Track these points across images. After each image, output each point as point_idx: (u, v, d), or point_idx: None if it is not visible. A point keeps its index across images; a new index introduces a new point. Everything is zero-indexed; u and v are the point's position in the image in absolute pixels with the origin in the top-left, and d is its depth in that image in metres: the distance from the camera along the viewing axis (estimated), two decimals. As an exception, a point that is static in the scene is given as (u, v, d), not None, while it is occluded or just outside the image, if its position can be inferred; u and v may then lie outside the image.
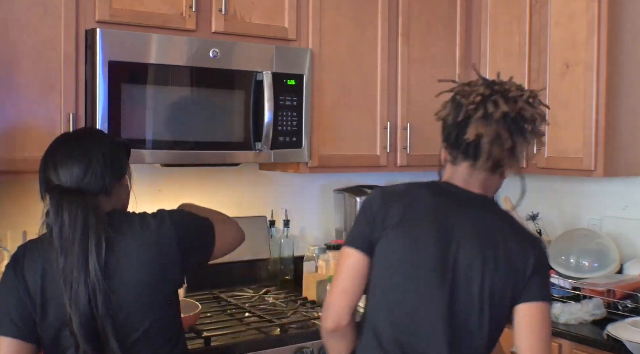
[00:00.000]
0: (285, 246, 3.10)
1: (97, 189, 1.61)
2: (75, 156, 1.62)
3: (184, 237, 1.67)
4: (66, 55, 2.29)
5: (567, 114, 2.83)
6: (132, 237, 1.60)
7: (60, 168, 1.60)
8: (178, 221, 1.68)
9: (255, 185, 3.13)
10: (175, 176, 2.91)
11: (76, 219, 1.52)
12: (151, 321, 1.61)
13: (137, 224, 1.64)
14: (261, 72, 2.58)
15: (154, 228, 1.63)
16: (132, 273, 1.58)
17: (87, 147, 1.65)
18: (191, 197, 2.95)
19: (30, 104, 2.24)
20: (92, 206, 1.55)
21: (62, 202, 1.53)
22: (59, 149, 1.66)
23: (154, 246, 1.62)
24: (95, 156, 1.63)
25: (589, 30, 2.75)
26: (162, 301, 1.64)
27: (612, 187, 3.08)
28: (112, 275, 1.55)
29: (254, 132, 2.59)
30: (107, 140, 1.73)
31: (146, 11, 2.43)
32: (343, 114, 2.91)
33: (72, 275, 1.50)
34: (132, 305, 1.57)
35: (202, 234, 1.76)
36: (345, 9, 2.90)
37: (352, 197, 3.16)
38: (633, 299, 2.63)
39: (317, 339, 2.42)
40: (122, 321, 1.56)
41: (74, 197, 1.55)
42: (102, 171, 1.62)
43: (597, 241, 2.95)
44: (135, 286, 1.58)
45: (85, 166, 1.61)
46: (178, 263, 1.65)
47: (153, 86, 2.42)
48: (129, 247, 1.59)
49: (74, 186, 1.58)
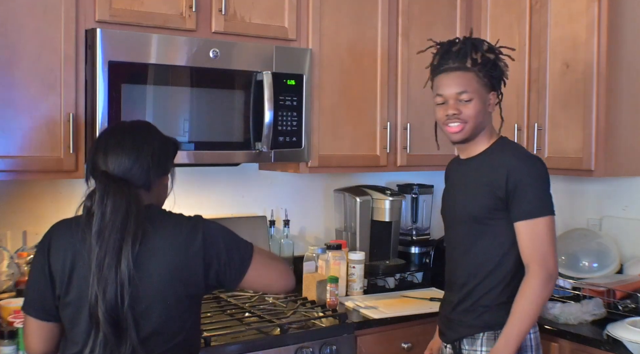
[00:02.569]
0: (285, 246, 3.10)
1: (140, 183, 1.65)
2: (127, 146, 1.66)
3: (209, 249, 1.65)
4: (66, 55, 2.29)
5: (567, 114, 2.83)
6: (162, 234, 1.63)
7: (109, 155, 1.64)
8: (210, 233, 1.67)
9: (255, 185, 3.13)
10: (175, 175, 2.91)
11: (119, 207, 1.56)
12: (166, 319, 1.63)
13: (171, 222, 1.67)
14: (261, 72, 2.58)
15: (185, 231, 1.64)
16: (155, 268, 1.60)
17: (139, 140, 1.68)
18: (191, 197, 2.95)
19: (30, 104, 2.24)
20: (135, 198, 1.60)
21: (109, 189, 1.58)
22: (112, 136, 1.70)
23: (180, 248, 1.62)
24: (145, 150, 1.67)
25: (589, 30, 2.75)
26: (181, 301, 1.64)
27: (612, 187, 3.08)
28: (138, 267, 1.58)
29: (253, 132, 2.59)
30: (159, 136, 1.76)
31: (146, 11, 2.43)
32: (343, 114, 2.91)
33: (104, 261, 1.54)
34: (150, 299, 1.60)
35: (232, 255, 1.70)
36: (345, 9, 2.90)
37: (352, 197, 3.16)
38: (633, 299, 2.63)
39: (317, 339, 2.42)
40: (139, 313, 1.59)
41: (120, 186, 1.59)
42: (148, 166, 1.66)
43: (597, 241, 2.95)
44: (156, 282, 1.60)
45: (134, 158, 1.65)
46: (199, 273, 1.65)
47: (153, 86, 2.42)
48: (158, 244, 1.61)
49: (120, 175, 1.63)
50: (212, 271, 1.66)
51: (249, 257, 1.72)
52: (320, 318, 2.54)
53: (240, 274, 1.70)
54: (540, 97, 2.93)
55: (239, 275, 1.70)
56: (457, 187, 2.23)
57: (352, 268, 2.95)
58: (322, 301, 2.72)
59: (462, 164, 2.22)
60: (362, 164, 3.00)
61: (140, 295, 1.58)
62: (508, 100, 3.07)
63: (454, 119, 2.10)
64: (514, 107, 3.04)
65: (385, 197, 3.13)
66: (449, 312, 2.20)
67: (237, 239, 1.74)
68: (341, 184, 3.31)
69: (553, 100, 2.87)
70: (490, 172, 2.10)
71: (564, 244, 2.97)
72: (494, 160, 2.12)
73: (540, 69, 2.94)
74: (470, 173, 2.17)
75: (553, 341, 2.53)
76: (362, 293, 2.96)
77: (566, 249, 2.94)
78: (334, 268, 2.88)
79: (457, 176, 2.25)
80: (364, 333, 2.57)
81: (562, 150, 2.85)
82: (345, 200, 3.22)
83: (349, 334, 2.50)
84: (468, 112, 2.09)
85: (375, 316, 2.63)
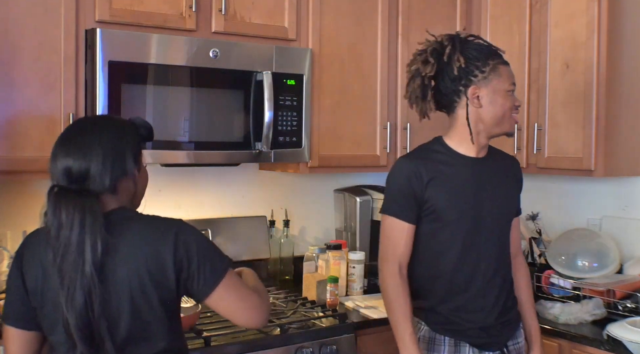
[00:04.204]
0: (285, 246, 3.10)
1: (99, 188, 1.56)
2: (73, 153, 1.55)
3: (180, 253, 1.56)
4: (66, 55, 2.29)
5: (567, 114, 2.83)
6: (130, 240, 1.56)
7: (59, 162, 1.56)
8: (183, 237, 1.58)
9: (255, 185, 3.13)
10: (175, 176, 2.91)
11: (73, 220, 1.49)
12: (142, 325, 1.57)
13: (139, 226, 1.59)
14: (261, 72, 2.58)
15: (157, 236, 1.57)
16: (125, 275, 1.54)
17: (87, 144, 1.57)
18: (191, 197, 2.96)
19: (30, 104, 2.24)
20: (89, 208, 1.51)
21: (60, 203, 1.51)
22: (61, 140, 1.61)
23: (151, 253, 1.55)
24: (95, 152, 1.55)
25: (589, 30, 2.75)
26: (155, 307, 1.57)
27: (612, 187, 3.08)
28: (107, 276, 1.53)
29: (253, 132, 2.59)
30: (113, 131, 1.62)
31: (146, 11, 2.43)
32: (343, 114, 2.91)
33: (68, 277, 1.49)
34: (123, 307, 1.54)
35: (204, 264, 1.59)
36: (345, 9, 2.90)
37: (352, 197, 3.16)
38: (633, 299, 2.63)
39: (317, 339, 2.42)
40: (113, 322, 1.54)
41: (72, 198, 1.52)
42: (101, 171, 1.55)
43: (597, 241, 2.95)
44: (127, 290, 1.54)
45: (85, 166, 1.55)
46: (171, 278, 1.56)
47: (153, 86, 2.42)
48: (126, 250, 1.55)
49: (73, 186, 1.55)
50: (183, 276, 1.57)
51: (222, 271, 1.61)
52: (320, 318, 2.54)
53: (209, 287, 1.59)
54: (540, 97, 2.93)
55: (208, 287, 1.59)
56: (479, 186, 2.13)
57: (352, 268, 2.95)
58: (322, 301, 2.72)
59: (478, 163, 2.15)
60: (362, 164, 3.00)
61: (113, 304, 1.53)
62: (508, 100, 3.09)
63: (517, 111, 2.16)
64: (514, 107, 3.04)
65: (385, 197, 3.13)
66: (484, 319, 2.10)
67: (212, 250, 1.64)
68: (341, 184, 3.31)
69: (553, 100, 2.87)
70: (510, 169, 2.26)
71: (564, 244, 2.97)
72: (503, 158, 2.27)
73: (540, 69, 2.94)
74: (496, 171, 2.19)
75: (553, 341, 2.53)
76: (362, 293, 2.96)
77: (566, 249, 2.94)
78: (334, 268, 2.88)
79: (470, 174, 2.13)
80: (364, 333, 2.57)
81: (562, 150, 2.85)
82: (345, 200, 3.22)
83: (349, 334, 2.50)
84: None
85: (375, 316, 2.63)
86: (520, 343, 2.19)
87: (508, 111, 2.11)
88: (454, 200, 2.10)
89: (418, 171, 2.08)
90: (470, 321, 2.09)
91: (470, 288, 2.10)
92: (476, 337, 2.10)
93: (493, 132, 2.13)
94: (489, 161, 2.18)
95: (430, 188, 2.07)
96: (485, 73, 2.07)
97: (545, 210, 3.20)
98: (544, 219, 3.16)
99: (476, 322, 2.10)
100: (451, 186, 2.10)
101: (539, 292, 2.87)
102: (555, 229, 3.16)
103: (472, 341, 2.09)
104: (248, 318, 1.66)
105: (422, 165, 2.10)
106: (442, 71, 2.11)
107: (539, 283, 2.89)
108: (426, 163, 2.11)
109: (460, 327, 2.09)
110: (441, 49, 2.11)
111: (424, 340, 2.11)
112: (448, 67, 2.09)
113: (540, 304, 2.68)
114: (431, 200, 2.08)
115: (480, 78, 2.07)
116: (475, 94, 2.08)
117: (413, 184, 2.07)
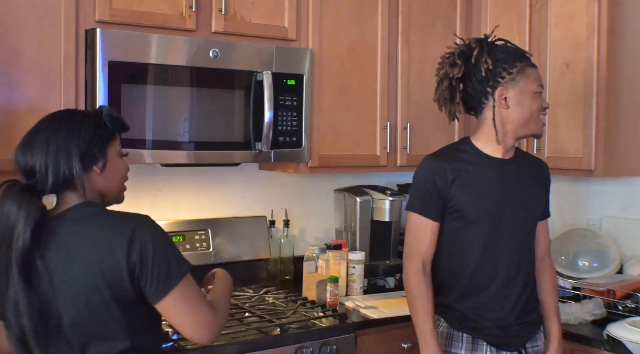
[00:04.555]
0: (285, 246, 3.10)
1: (44, 189, 1.55)
2: (23, 150, 1.59)
3: (134, 251, 1.52)
4: (66, 55, 2.29)
5: (567, 114, 2.83)
6: (83, 236, 1.54)
7: (15, 159, 1.60)
8: (141, 235, 1.53)
9: (255, 185, 3.13)
10: (175, 176, 2.91)
11: (7, 224, 1.50)
12: (99, 324, 1.54)
13: (96, 223, 1.56)
14: (261, 72, 2.58)
15: (114, 233, 1.54)
16: (79, 273, 1.52)
17: (35, 141, 1.59)
18: (191, 197, 2.96)
19: (30, 104, 2.24)
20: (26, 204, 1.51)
21: (6, 198, 1.52)
22: (25, 137, 1.63)
23: (106, 251, 1.52)
24: (39, 152, 1.57)
25: (589, 30, 2.75)
26: (109, 305, 1.54)
27: (612, 187, 3.08)
28: (60, 274, 1.52)
29: (253, 132, 2.59)
30: (64, 128, 1.61)
31: (146, 11, 2.43)
32: (343, 114, 2.91)
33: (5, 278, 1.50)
34: (79, 305, 1.53)
35: (158, 266, 1.54)
36: (345, 9, 2.90)
37: (352, 197, 3.16)
38: (633, 299, 2.63)
39: (317, 339, 2.42)
40: (71, 322, 1.53)
41: (14, 193, 1.52)
42: (44, 169, 1.55)
43: (597, 241, 2.95)
44: (81, 287, 1.52)
45: (30, 162, 1.57)
46: (125, 276, 1.52)
47: (153, 86, 2.42)
48: (77, 247, 1.53)
49: (28, 181, 1.56)
50: (135, 277, 1.53)
51: (176, 279, 1.56)
52: (320, 318, 2.54)
53: (160, 293, 1.54)
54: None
55: (159, 293, 1.54)
56: (503, 187, 2.16)
57: (352, 268, 2.95)
58: (322, 301, 2.72)
59: (504, 164, 2.18)
60: (362, 164, 3.00)
61: (68, 302, 1.52)
62: (508, 100, 3.09)
63: (545, 112, 2.17)
64: (514, 107, 3.04)
65: (385, 197, 3.13)
66: (503, 318, 2.13)
67: (170, 253, 1.58)
68: (341, 184, 3.31)
69: (553, 100, 2.87)
70: (538, 172, 2.28)
71: (564, 244, 2.97)
72: (531, 161, 2.31)
73: (540, 69, 2.90)
74: (522, 172, 2.21)
75: (553, 341, 2.53)
76: (362, 293, 2.96)
77: (566, 249, 2.94)
78: (334, 268, 2.88)
79: (496, 174, 2.16)
80: (364, 333, 2.57)
81: (562, 150, 2.85)
82: (345, 200, 3.22)
83: (348, 334, 2.50)
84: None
85: (375, 316, 2.63)
86: (539, 346, 2.20)
87: (535, 112, 2.13)
88: (478, 200, 2.12)
89: (443, 169, 2.12)
90: (489, 320, 2.12)
91: (490, 287, 2.13)
92: (494, 336, 2.13)
93: (520, 133, 2.16)
94: (515, 162, 2.21)
95: (454, 187, 2.11)
96: (512, 75, 2.11)
97: (545, 210, 3.20)
98: (544, 219, 3.16)
99: (495, 321, 2.13)
100: (475, 186, 2.13)
101: (539, 292, 2.87)
102: (555, 229, 3.16)
103: (489, 340, 2.13)
104: (193, 333, 1.60)
105: (447, 164, 2.13)
106: (470, 73, 2.14)
107: (539, 283, 2.89)
108: (451, 162, 2.14)
109: (478, 325, 2.12)
110: (469, 51, 2.15)
111: (442, 336, 2.14)
112: (475, 69, 2.12)
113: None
114: (455, 199, 2.11)
115: (508, 80, 2.11)
116: (503, 95, 2.11)
117: (437, 182, 2.12)
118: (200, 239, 2.87)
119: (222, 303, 1.73)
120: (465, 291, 2.15)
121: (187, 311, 1.58)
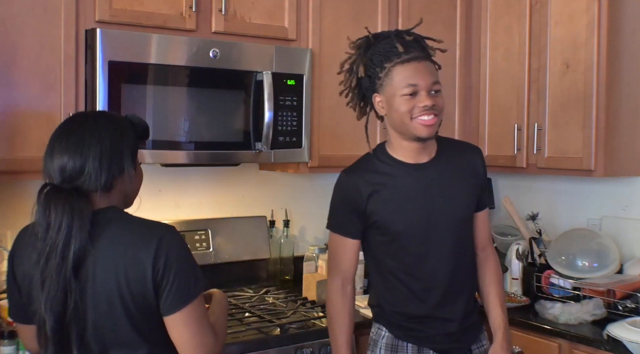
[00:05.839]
0: (285, 246, 3.10)
1: (92, 186, 1.53)
2: (70, 147, 1.53)
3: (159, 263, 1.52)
4: (66, 55, 2.29)
5: (567, 114, 2.83)
6: (109, 242, 1.53)
7: (55, 159, 1.54)
8: (167, 248, 1.53)
9: (255, 185, 3.13)
10: (175, 176, 2.91)
11: (61, 223, 1.47)
12: (119, 330, 1.54)
13: (121, 229, 1.55)
14: (261, 72, 2.58)
15: (138, 240, 1.53)
16: (103, 279, 1.51)
17: (86, 138, 1.54)
18: (191, 197, 2.96)
19: (30, 104, 2.24)
20: (78, 211, 1.48)
21: (49, 204, 1.48)
22: (58, 136, 1.58)
23: (130, 258, 1.51)
24: (93, 149, 1.53)
25: (589, 30, 2.75)
26: (132, 313, 1.53)
27: (612, 187, 3.08)
28: (86, 280, 1.51)
29: (253, 132, 2.59)
30: (112, 129, 1.59)
31: (146, 11, 2.43)
32: (343, 114, 2.89)
33: (49, 280, 1.47)
34: (102, 311, 1.52)
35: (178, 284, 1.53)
36: (345, 9, 2.90)
37: (352, 197, 3.16)
38: (633, 299, 2.63)
39: (317, 339, 2.42)
40: (92, 326, 1.52)
41: (62, 199, 1.49)
42: (97, 169, 1.53)
43: (597, 241, 2.95)
44: (104, 293, 1.51)
45: (81, 160, 1.52)
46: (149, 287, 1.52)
47: (153, 86, 2.42)
48: (104, 252, 1.52)
49: (66, 184, 1.52)
50: (156, 283, 1.52)
51: (193, 295, 1.56)
52: (320, 318, 2.54)
53: (174, 307, 1.53)
54: (540, 97, 2.93)
55: (173, 307, 1.53)
56: (425, 193, 2.00)
57: (352, 268, 2.94)
58: (322, 301, 2.72)
59: (421, 168, 2.02)
60: (362, 164, 2.99)
61: (90, 308, 1.51)
62: (508, 100, 3.09)
63: (430, 111, 1.91)
64: (514, 107, 3.04)
65: (385, 197, 3.13)
66: (448, 325, 2.03)
67: (192, 267, 1.58)
68: (341, 184, 3.31)
69: (553, 100, 2.87)
70: (467, 163, 2.09)
71: (564, 244, 2.97)
72: (457, 153, 2.10)
73: (540, 69, 2.94)
74: (444, 172, 2.03)
75: (553, 341, 2.53)
76: (361, 293, 2.96)
77: (566, 249, 2.94)
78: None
79: (414, 182, 2.01)
80: (364, 332, 2.56)
81: (562, 150, 2.85)
82: (345, 200, 3.21)
83: (349, 334, 2.50)
84: (441, 103, 1.95)
85: (375, 316, 2.63)
86: (484, 346, 2.11)
87: (406, 116, 1.92)
88: (399, 212, 1.99)
89: (356, 185, 2.01)
90: (433, 328, 2.04)
91: (429, 298, 2.02)
92: (440, 343, 2.04)
93: (406, 137, 1.98)
94: (435, 163, 2.04)
95: (372, 202, 1.99)
96: (381, 79, 1.95)
97: (545, 210, 3.20)
98: (544, 219, 3.17)
99: (439, 329, 2.04)
100: (394, 199, 2.00)
101: (539, 292, 2.87)
102: (555, 229, 3.16)
103: (435, 347, 2.04)
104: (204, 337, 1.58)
105: (361, 179, 2.01)
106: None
107: (539, 283, 2.89)
108: (365, 176, 2.02)
109: (423, 334, 2.04)
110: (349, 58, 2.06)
111: (386, 347, 2.07)
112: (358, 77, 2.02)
113: (540, 304, 2.69)
114: (375, 214, 2.00)
115: (378, 85, 1.97)
116: (377, 101, 1.99)
117: (353, 199, 2.00)
118: (200, 239, 2.87)
119: (222, 322, 1.74)
120: (404, 303, 2.04)
121: (193, 332, 1.57)
